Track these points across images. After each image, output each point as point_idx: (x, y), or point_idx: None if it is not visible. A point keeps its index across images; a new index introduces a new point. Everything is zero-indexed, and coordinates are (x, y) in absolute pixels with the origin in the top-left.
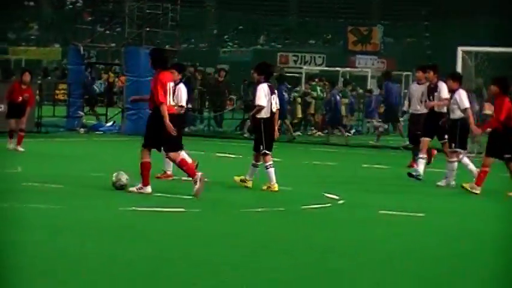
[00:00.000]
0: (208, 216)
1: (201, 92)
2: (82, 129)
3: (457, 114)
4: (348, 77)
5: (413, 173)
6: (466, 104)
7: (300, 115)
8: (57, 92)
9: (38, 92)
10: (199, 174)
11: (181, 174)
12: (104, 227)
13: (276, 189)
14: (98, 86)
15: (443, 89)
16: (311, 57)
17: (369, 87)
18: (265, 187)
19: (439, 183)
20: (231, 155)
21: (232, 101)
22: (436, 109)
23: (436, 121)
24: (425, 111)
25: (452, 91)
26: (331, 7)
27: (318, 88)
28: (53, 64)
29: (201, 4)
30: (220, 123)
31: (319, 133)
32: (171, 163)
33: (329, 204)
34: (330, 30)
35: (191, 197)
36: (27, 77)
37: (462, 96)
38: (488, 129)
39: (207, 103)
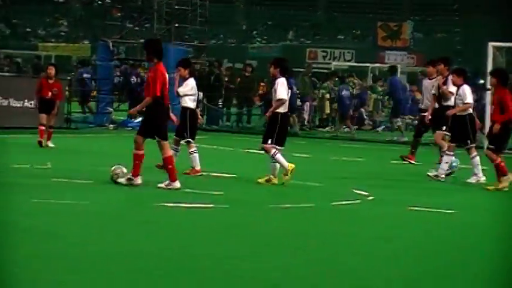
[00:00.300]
0: (237, 212)
1: (229, 88)
2: (111, 125)
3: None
4: (377, 72)
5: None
6: (469, 99)
7: (328, 111)
8: None
9: (67, 88)
10: (177, 183)
11: (209, 169)
12: (132, 222)
13: (276, 182)
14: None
15: (467, 93)
16: (340, 52)
17: None
18: (262, 180)
19: (468, 180)
20: (260, 151)
21: (260, 97)
22: (443, 103)
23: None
24: (436, 106)
25: (457, 86)
26: (361, 2)
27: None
28: None
29: (230, 0)
30: (248, 119)
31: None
32: (198, 158)
33: (358, 201)
34: (360, 25)
35: (221, 193)
36: (52, 70)
37: (466, 91)
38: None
39: (234, 99)
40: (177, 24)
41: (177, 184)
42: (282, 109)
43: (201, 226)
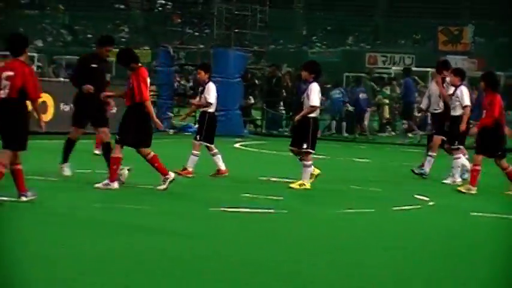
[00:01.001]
0: (297, 217)
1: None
2: (171, 130)
3: (459, 111)
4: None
5: (416, 171)
6: (467, 101)
7: (387, 115)
8: None
9: None
10: (172, 174)
11: (269, 174)
12: (192, 228)
13: (309, 187)
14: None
15: (465, 95)
16: (400, 57)
17: None
18: (295, 185)
19: (444, 181)
20: (318, 156)
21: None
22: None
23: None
24: (440, 109)
25: (454, 87)
26: (421, 7)
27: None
28: (143, 66)
29: (289, 5)
30: None
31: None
32: (221, 159)
33: (419, 206)
34: (420, 30)
35: (281, 198)
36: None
37: (464, 92)
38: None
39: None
40: (236, 30)
41: (116, 185)
42: (314, 114)
43: (261, 231)
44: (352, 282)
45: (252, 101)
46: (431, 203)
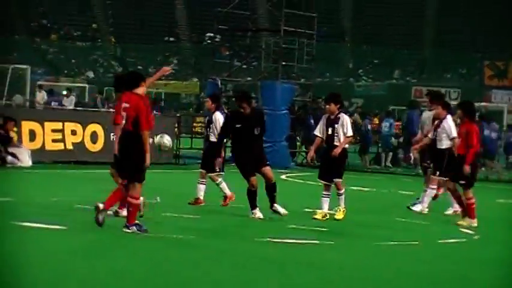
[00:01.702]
0: (342, 248)
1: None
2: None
3: (445, 143)
4: (483, 111)
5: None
6: (454, 133)
7: None
8: (194, 124)
9: (176, 124)
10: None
11: (314, 206)
12: (238, 257)
13: (341, 217)
14: None
15: (452, 127)
16: (446, 91)
17: (505, 122)
18: (339, 215)
19: (413, 208)
20: (364, 188)
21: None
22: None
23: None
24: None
25: (439, 119)
26: (467, 41)
27: None
28: (191, 97)
29: (336, 38)
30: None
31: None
32: (225, 186)
33: (464, 240)
34: (466, 64)
35: (326, 229)
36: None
37: (451, 124)
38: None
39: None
40: (284, 63)
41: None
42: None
43: (305, 262)
44: None
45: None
46: (476, 237)
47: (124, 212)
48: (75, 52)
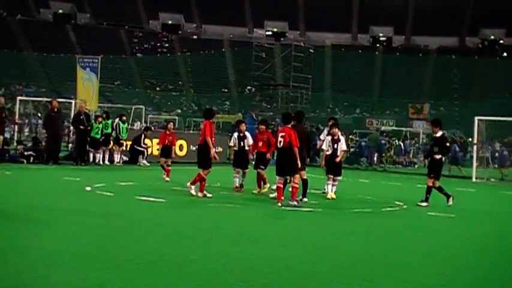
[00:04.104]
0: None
1: None
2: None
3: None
4: (408, 133)
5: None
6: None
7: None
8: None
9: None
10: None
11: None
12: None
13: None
14: None
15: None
16: (386, 121)
17: (420, 140)
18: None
19: (421, 204)
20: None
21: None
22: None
23: None
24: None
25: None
26: (399, 92)
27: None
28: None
29: (322, 89)
30: None
31: None
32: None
33: (397, 208)
34: (398, 105)
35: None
36: (171, 125)
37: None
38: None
39: None
40: (292, 104)
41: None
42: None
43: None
44: None
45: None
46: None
47: (192, 190)
48: (169, 98)
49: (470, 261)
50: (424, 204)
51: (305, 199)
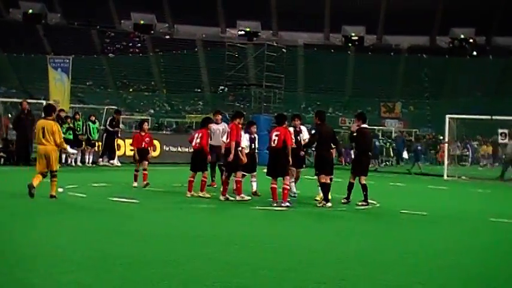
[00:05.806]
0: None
1: None
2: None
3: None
4: (380, 132)
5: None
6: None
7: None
8: None
9: None
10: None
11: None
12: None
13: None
14: None
15: None
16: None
17: (393, 136)
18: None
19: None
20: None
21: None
22: None
23: None
24: None
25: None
26: (371, 90)
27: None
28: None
29: (295, 89)
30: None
31: None
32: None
33: (371, 206)
34: (370, 104)
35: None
36: (146, 125)
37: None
38: None
39: None
40: (265, 104)
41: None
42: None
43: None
44: None
45: None
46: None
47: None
48: (142, 98)
49: (446, 259)
50: (364, 204)
51: (329, 204)
